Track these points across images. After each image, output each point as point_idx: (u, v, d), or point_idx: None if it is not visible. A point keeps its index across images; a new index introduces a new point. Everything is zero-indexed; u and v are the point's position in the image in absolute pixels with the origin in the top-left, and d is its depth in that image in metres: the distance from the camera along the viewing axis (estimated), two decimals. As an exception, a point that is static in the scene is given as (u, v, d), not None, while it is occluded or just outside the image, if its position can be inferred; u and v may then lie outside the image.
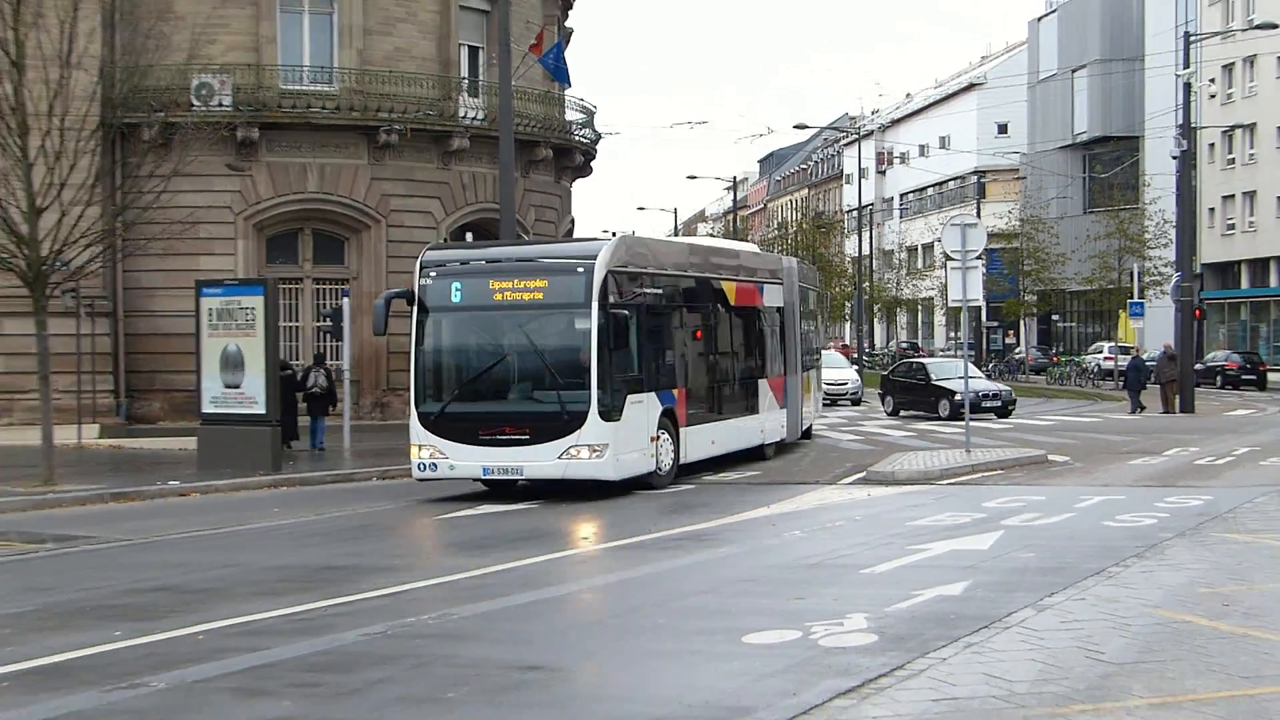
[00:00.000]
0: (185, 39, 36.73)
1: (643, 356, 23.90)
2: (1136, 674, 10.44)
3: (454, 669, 11.31)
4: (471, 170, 41.43)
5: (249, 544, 19.66)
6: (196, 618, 13.64)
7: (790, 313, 32.27)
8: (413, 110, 40.51)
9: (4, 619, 13.98)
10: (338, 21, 40.63)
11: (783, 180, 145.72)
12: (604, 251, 22.65)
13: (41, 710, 10.11)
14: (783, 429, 31.24)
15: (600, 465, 22.02)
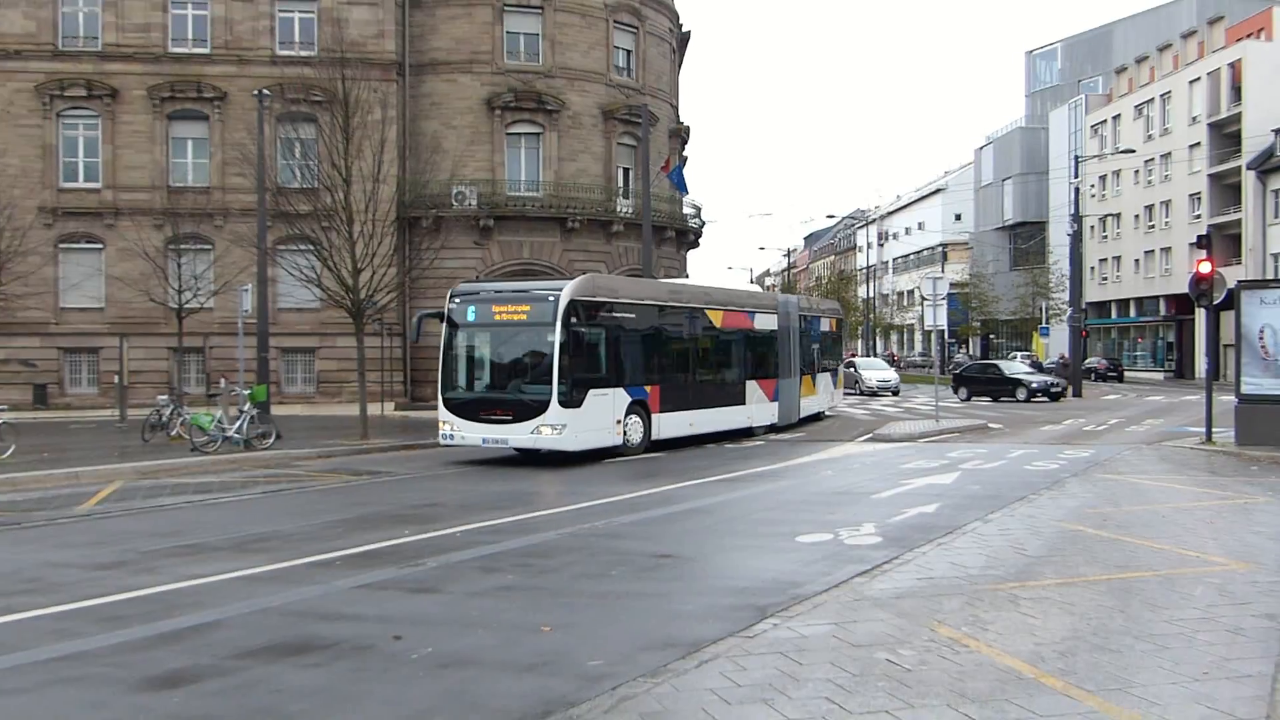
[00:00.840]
0: (449, 163, 37.36)
1: (610, 361, 22.07)
2: (1048, 563, 10.64)
3: (615, 556, 11.51)
4: (624, 244, 41.58)
5: (483, 477, 19.70)
6: (455, 522, 13.98)
7: (785, 334, 29.72)
8: (587, 207, 40.75)
9: (337, 522, 14.33)
10: (542, 153, 40.95)
11: (819, 249, 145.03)
12: (568, 287, 21.00)
13: (363, 578, 10.49)
14: (773, 416, 28.73)
15: (560, 439, 20.48)
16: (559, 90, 40.96)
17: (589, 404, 20.95)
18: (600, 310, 21.71)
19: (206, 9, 38.90)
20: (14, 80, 37.77)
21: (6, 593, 9.79)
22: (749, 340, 28.02)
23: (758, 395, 27.81)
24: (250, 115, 34.55)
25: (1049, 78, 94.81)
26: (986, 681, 6.64)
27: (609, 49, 42.36)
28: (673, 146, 46.50)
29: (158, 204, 37.94)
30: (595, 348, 21.80)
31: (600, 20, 42.02)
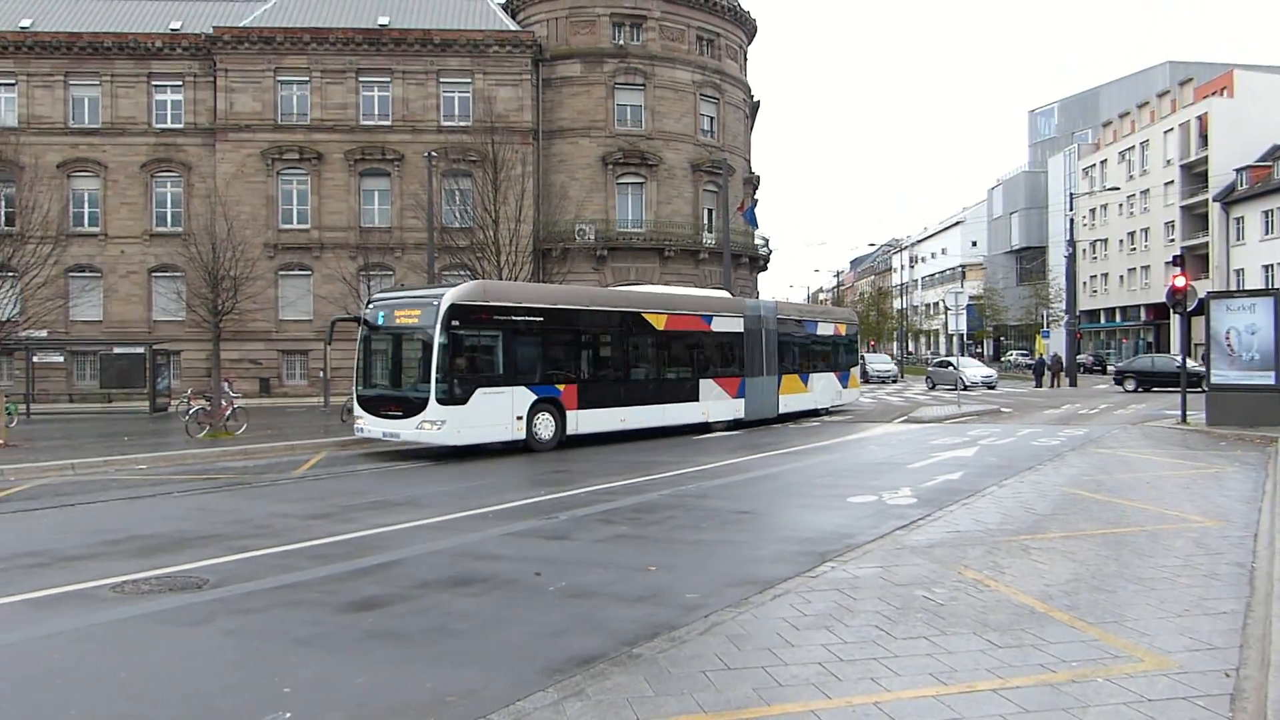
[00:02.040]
0: (573, 207, 37.62)
1: (506, 361, 18.57)
2: (1053, 520, 10.30)
3: (705, 512, 11.41)
4: (709, 269, 41.31)
5: (605, 452, 19.61)
6: (581, 484, 13.94)
7: (756, 337, 25.11)
8: (679, 240, 40.61)
9: (480, 486, 14.40)
10: (644, 198, 40.91)
11: (862, 270, 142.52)
12: (449, 293, 17.76)
13: (509, 528, 10.54)
14: (737, 412, 24.18)
15: (440, 434, 17.40)
16: (657, 149, 40.88)
17: (476, 401, 17.72)
18: (490, 313, 18.33)
19: (389, 91, 39.62)
20: (245, 148, 38.93)
21: (243, 535, 10.08)
22: (704, 341, 23.59)
23: (716, 393, 23.51)
24: (422, 172, 35.17)
25: (1048, 131, 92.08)
26: (1005, 614, 6.45)
27: (696, 116, 42.15)
28: (746, 191, 46.12)
29: (352, 240, 38.78)
30: (486, 348, 18.58)
31: (689, 94, 41.87)
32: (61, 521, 11.40)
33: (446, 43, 39.49)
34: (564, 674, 5.52)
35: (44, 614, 7.03)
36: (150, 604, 7.23)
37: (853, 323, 32.00)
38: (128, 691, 5.46)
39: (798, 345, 27.76)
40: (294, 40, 38.99)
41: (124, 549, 9.41)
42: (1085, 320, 70.99)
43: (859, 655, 5.65)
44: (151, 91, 39.50)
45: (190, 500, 12.87)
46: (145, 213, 39.36)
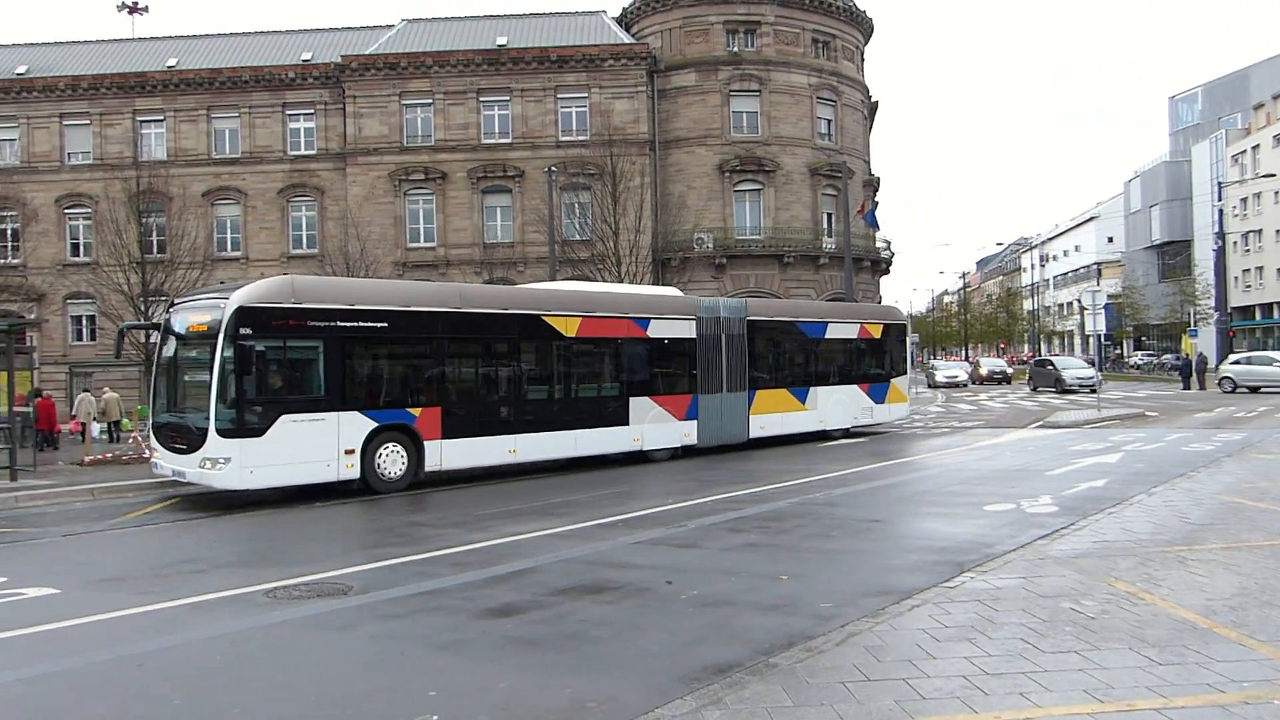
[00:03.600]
0: (691, 216, 37.68)
1: (330, 379, 14.45)
2: (1210, 530, 9.71)
3: (834, 521, 11.27)
4: (829, 274, 40.79)
5: (745, 461, 19.38)
6: (707, 493, 13.92)
7: (713, 344, 20.01)
8: (798, 246, 40.20)
9: (612, 494, 14.51)
10: (762, 205, 40.67)
11: (989, 271, 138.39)
12: (238, 293, 13.89)
13: (638, 536, 10.58)
14: (686, 437, 19.40)
15: (225, 475, 13.42)
16: (774, 155, 40.63)
17: (280, 432, 13.77)
18: (303, 319, 14.27)
19: (508, 109, 40.55)
20: (374, 170, 40.45)
21: (382, 544, 10.44)
22: (636, 351, 18.87)
23: (654, 414, 18.79)
24: (542, 187, 35.87)
25: (1191, 117, 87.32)
26: (1164, 629, 6.13)
27: (813, 120, 41.71)
28: (866, 194, 45.35)
29: (476, 256, 39.79)
30: (297, 364, 14.59)
31: (806, 98, 41.48)
32: (209, 534, 12.05)
33: (563, 59, 40.20)
34: (701, 682, 5.52)
35: (204, 617, 7.43)
36: (300, 609, 7.56)
37: (892, 321, 25.55)
38: (284, 692, 5.73)
39: (788, 353, 22.56)
40: (417, 65, 40.34)
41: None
42: (1237, 317, 67.17)
43: (1005, 669, 5.47)
44: (286, 120, 41.46)
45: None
46: (283, 236, 41.29)
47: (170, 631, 7.04)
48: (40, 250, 40.56)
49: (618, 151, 33.81)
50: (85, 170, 41.28)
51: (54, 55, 44.04)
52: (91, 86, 41.32)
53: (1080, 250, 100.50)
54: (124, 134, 41.19)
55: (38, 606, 7.87)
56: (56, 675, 6.05)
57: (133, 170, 37.79)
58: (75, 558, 10.46)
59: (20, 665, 6.27)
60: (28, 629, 7.11)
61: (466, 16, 44.01)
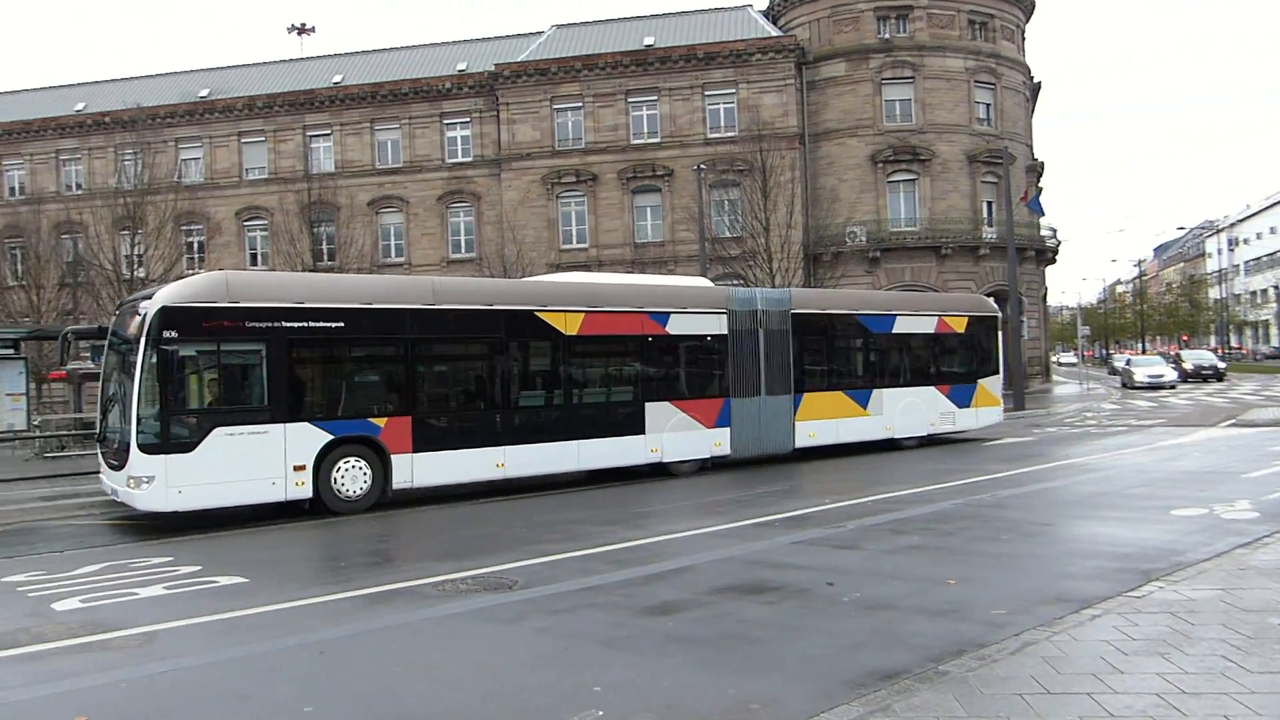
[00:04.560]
0: (843, 210, 37.00)
1: (275, 387, 12.67)
2: None
3: (1003, 523, 10.82)
4: (990, 265, 39.30)
5: (908, 462, 18.91)
6: (869, 492, 13.62)
7: (751, 341, 17.63)
8: (957, 236, 38.86)
9: (766, 494, 14.36)
10: (917, 195, 39.55)
11: (1168, 258, 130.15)
12: (162, 291, 12.43)
13: (797, 536, 10.42)
14: (717, 446, 17.06)
15: (148, 496, 11.85)
16: (929, 143, 39.43)
17: (212, 447, 12.12)
18: (241, 319, 12.54)
19: (656, 109, 40.84)
20: (528, 175, 41.49)
21: (545, 539, 10.65)
22: (653, 350, 16.77)
23: (676, 421, 16.55)
24: (691, 185, 35.97)
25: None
26: (1385, 646, 5.60)
27: (970, 105, 40.24)
28: (1029, 180, 43.41)
29: (628, 256, 40.23)
30: (234, 370, 12.92)
31: (962, 82, 40.06)
32: (395, 526, 12.60)
33: (710, 56, 40.17)
34: (867, 688, 5.39)
35: (379, 608, 7.76)
36: (468, 602, 7.81)
37: (979, 313, 22.30)
38: (455, 681, 5.91)
39: (845, 351, 20.04)
40: (567, 69, 41.12)
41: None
42: None
43: (1205, 688, 5.09)
44: (444, 129, 43.05)
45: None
46: (442, 241, 42.88)
47: (348, 620, 7.39)
48: (223, 260, 43.36)
49: (766, 146, 33.57)
50: (261, 184, 44.02)
51: (231, 78, 47.11)
52: (265, 105, 44.01)
53: (1276, 232, 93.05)
54: (295, 149, 43.70)
55: (229, 594, 8.40)
56: (246, 659, 6.44)
57: (304, 183, 40.18)
58: (259, 549, 11.12)
59: (214, 649, 6.71)
60: (221, 615, 7.60)
61: (614, 19, 44.62)
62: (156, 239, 36.49)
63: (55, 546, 11.13)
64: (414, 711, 5.38)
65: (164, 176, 39.80)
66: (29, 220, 40.69)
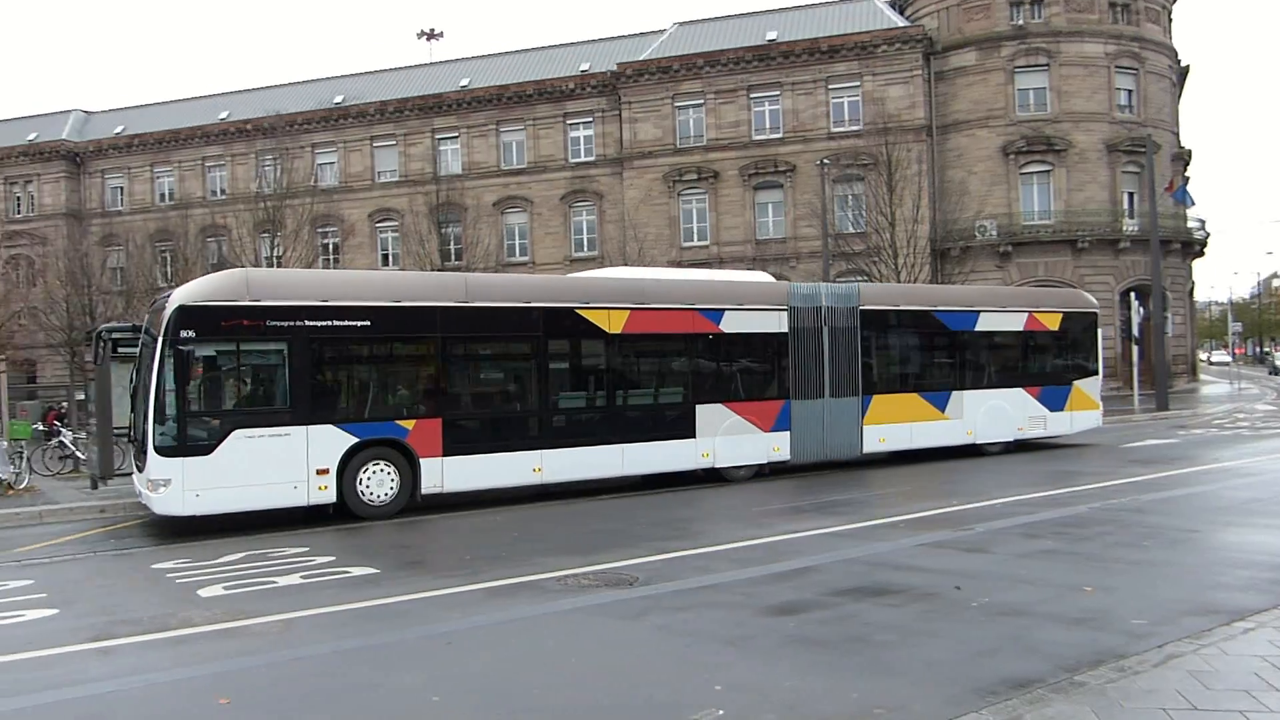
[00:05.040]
0: (972, 203, 35.95)
1: (297, 388, 12.38)
2: None
3: (1144, 529, 10.32)
4: (1131, 259, 37.53)
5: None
6: (989, 496, 13.11)
7: (808, 338, 16.52)
8: (1095, 229, 37.22)
9: (894, 494, 14.05)
10: (1052, 186, 38.05)
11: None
12: (179, 291, 12.22)
13: (923, 538, 10.16)
14: (775, 451, 16.09)
15: (165, 499, 11.64)
16: (1065, 132, 37.86)
17: (231, 450, 11.86)
18: (262, 318, 12.27)
19: (778, 104, 40.47)
20: (649, 173, 41.71)
21: (662, 537, 10.68)
22: (705, 348, 15.81)
23: (730, 424, 15.66)
24: (814, 181, 35.55)
25: None
26: None
27: (1110, 91, 38.46)
28: (1175, 169, 41.27)
29: (749, 253, 39.99)
30: (255, 371, 12.77)
31: (1101, 68, 38.32)
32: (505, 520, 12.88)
33: (834, 49, 39.57)
34: (998, 696, 5.22)
35: (503, 601, 7.93)
36: (590, 598, 7.90)
37: (1075, 310, 20.73)
38: (576, 675, 5.99)
39: (920, 350, 18.78)
40: (689, 66, 41.14)
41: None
42: None
43: (1371, 706, 4.75)
44: (567, 129, 43.68)
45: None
46: (565, 240, 43.52)
47: (474, 613, 7.57)
48: (357, 261, 45.04)
49: (892, 140, 32.90)
50: (393, 187, 45.56)
51: (364, 84, 48.88)
52: (396, 110, 45.53)
53: None
54: (424, 152, 45.06)
55: (361, 585, 8.72)
56: (377, 648, 6.67)
57: (432, 185, 41.40)
58: (390, 542, 11.51)
59: (346, 637, 6.98)
60: (353, 604, 7.90)
61: (737, 14, 44.36)
62: (294, 241, 38.30)
63: (198, 536, 11.77)
64: (537, 704, 5.47)
65: (301, 181, 41.74)
66: (177, 224, 43.22)
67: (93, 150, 50.82)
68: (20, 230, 48.86)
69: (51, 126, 52.52)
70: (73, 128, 52.48)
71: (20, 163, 51.00)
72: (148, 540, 11.73)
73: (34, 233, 48.98)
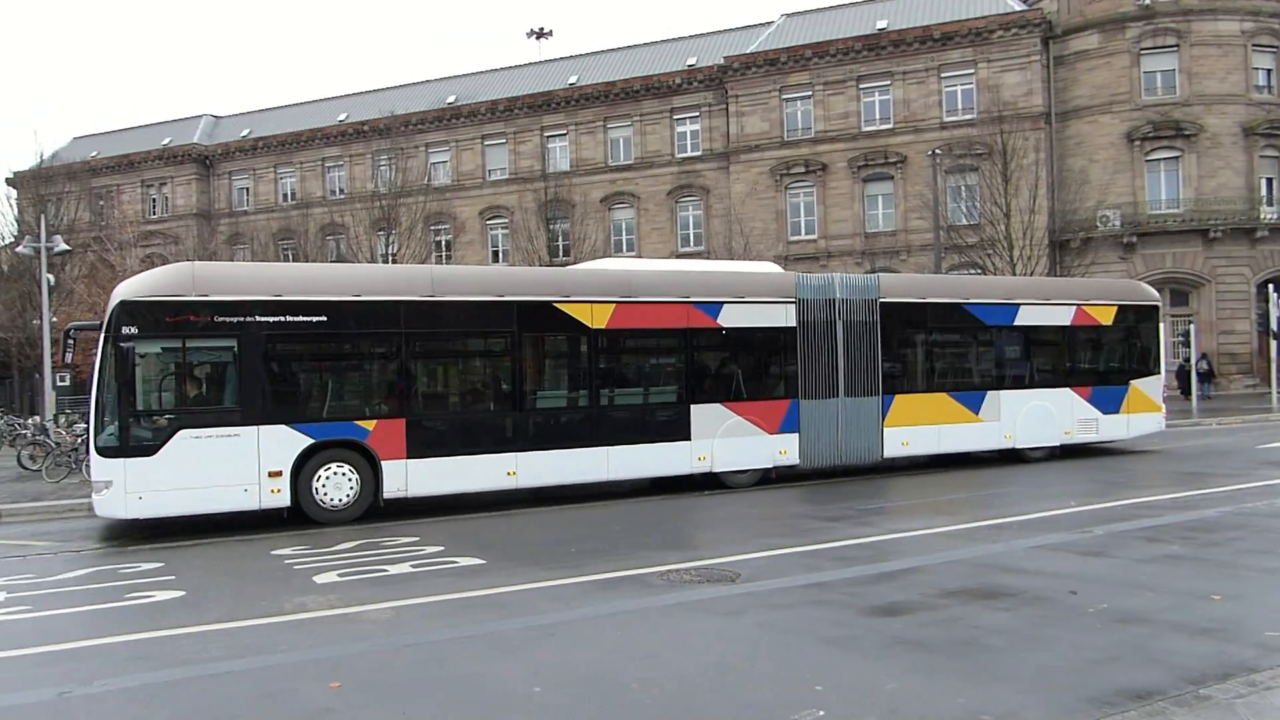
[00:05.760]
0: (1094, 192, 34.57)
1: (248, 386, 11.88)
2: None
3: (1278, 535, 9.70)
4: (1269, 248, 35.51)
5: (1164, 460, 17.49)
6: (1120, 495, 12.61)
7: (819, 333, 15.51)
8: (1228, 218, 35.26)
9: (1005, 494, 13.58)
10: (1181, 173, 36.19)
11: None
12: (126, 283, 12.07)
13: (1037, 540, 9.83)
14: (782, 455, 15.08)
15: (108, 501, 11.29)
16: (1196, 116, 35.92)
17: (177, 451, 11.40)
18: (209, 313, 11.73)
19: (889, 94, 39.63)
20: (755, 167, 41.38)
21: (768, 534, 10.60)
22: (699, 344, 14.89)
23: (730, 425, 14.72)
24: (925, 172, 34.69)
25: None
26: None
27: (1247, 71, 36.32)
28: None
29: (857, 247, 39.33)
30: (202, 369, 12.25)
31: (1237, 46, 36.23)
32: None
33: (947, 36, 38.52)
34: (1115, 707, 5.00)
35: (606, 594, 7.99)
36: (691, 593, 7.89)
37: (1132, 301, 18.98)
38: (676, 670, 5.98)
39: (949, 346, 17.48)
40: (797, 58, 40.65)
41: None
42: None
43: None
44: (673, 125, 43.70)
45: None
46: (672, 235, 43.55)
47: (577, 605, 7.65)
48: (468, 257, 46.01)
49: (1008, 128, 31.87)
50: (503, 184, 46.38)
51: (475, 84, 49.86)
52: (506, 109, 46.31)
53: None
54: (533, 149, 45.74)
55: (468, 574, 8.91)
56: (481, 637, 6.79)
57: (541, 182, 42.00)
58: (496, 533, 11.72)
59: (452, 626, 7.14)
60: (460, 594, 8.07)
61: (846, 4, 43.61)
62: (408, 238, 39.37)
63: (312, 525, 12.17)
64: (637, 697, 5.49)
65: (415, 179, 42.89)
66: (299, 223, 44.93)
67: (221, 153, 53.22)
68: (155, 230, 51.45)
69: (184, 131, 55.21)
70: (203, 132, 55.05)
71: (155, 166, 53.78)
72: (266, 528, 12.20)
73: (167, 232, 51.54)
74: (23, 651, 6.73)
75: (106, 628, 7.33)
